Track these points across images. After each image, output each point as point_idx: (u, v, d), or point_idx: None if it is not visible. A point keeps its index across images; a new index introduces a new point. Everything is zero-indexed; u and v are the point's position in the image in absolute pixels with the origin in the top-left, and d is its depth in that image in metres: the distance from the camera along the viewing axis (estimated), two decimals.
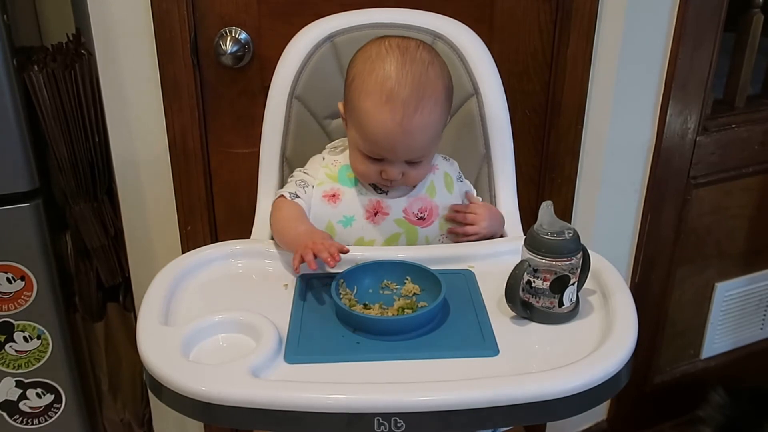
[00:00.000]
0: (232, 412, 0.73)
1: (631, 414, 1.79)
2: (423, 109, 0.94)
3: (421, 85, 0.95)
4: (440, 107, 0.97)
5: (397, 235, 1.03)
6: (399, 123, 0.94)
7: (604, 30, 1.36)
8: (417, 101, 0.94)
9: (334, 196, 1.03)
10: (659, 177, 1.53)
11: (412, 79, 0.94)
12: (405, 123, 0.94)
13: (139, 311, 0.87)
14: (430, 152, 1.01)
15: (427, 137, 0.97)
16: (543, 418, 1.05)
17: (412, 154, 0.98)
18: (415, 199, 1.04)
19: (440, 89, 0.97)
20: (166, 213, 1.37)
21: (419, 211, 1.04)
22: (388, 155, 0.97)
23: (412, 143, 0.96)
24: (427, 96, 0.95)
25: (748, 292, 1.83)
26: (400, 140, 0.95)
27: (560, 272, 0.85)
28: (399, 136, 0.95)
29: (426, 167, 1.03)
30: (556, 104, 1.42)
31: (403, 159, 0.98)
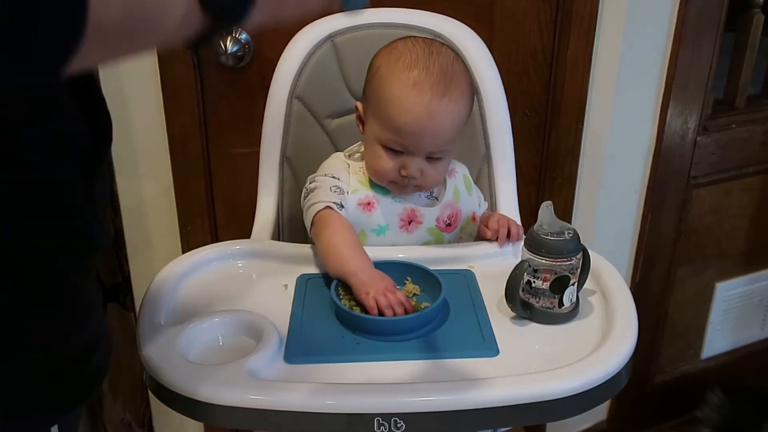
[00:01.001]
0: (232, 412, 0.73)
1: (631, 414, 1.79)
2: (450, 96, 0.93)
3: (449, 73, 0.94)
4: (465, 99, 0.96)
5: (427, 243, 1.02)
6: (426, 107, 0.92)
7: (604, 30, 1.36)
8: (445, 87, 0.93)
9: (369, 204, 1.00)
10: (659, 177, 1.53)
11: (439, 67, 0.94)
12: (433, 107, 0.92)
13: (139, 311, 0.87)
14: (450, 148, 0.98)
15: (453, 126, 0.95)
16: (543, 418, 1.05)
17: (436, 142, 0.94)
18: (445, 206, 1.03)
19: (465, 83, 0.96)
20: (166, 213, 1.37)
21: (448, 217, 1.03)
22: (412, 143, 0.94)
23: (437, 129, 0.93)
24: (454, 84, 0.94)
25: (748, 292, 1.83)
26: (427, 125, 0.92)
27: (560, 272, 0.85)
28: (425, 120, 0.92)
29: (444, 168, 1.00)
30: (556, 104, 1.42)
31: (427, 150, 0.95)
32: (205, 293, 0.93)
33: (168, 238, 1.39)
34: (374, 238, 1.00)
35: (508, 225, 1.01)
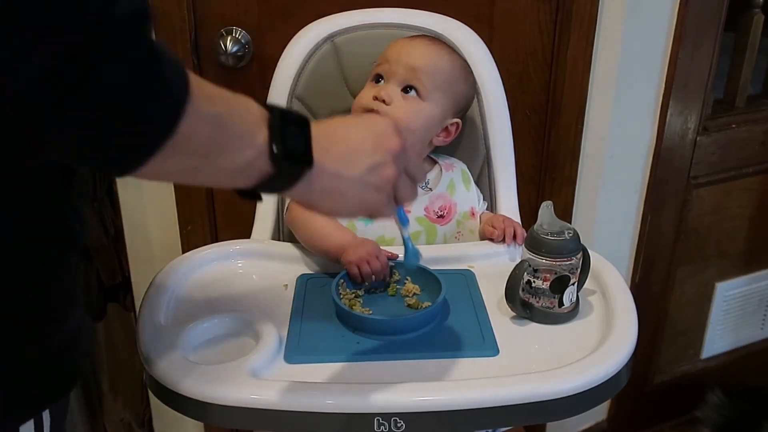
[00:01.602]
0: (231, 412, 0.73)
1: (631, 414, 1.79)
2: (435, 44, 1.05)
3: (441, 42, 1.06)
4: (451, 61, 1.04)
5: (417, 233, 1.03)
6: (410, 40, 1.05)
7: (604, 30, 1.36)
8: (432, 39, 1.06)
9: None
10: (659, 177, 1.53)
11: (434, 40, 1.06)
12: (415, 41, 1.05)
13: (139, 311, 0.87)
14: (426, 91, 1.01)
15: (429, 63, 1.01)
16: (543, 418, 1.05)
17: (410, 68, 1.00)
18: (436, 197, 1.05)
19: (458, 60, 1.05)
20: (166, 213, 1.37)
21: (439, 209, 1.04)
22: (390, 66, 1.01)
23: (413, 55, 1.01)
24: (445, 46, 1.06)
25: (748, 292, 1.82)
26: (404, 49, 1.02)
27: (560, 272, 0.85)
28: (405, 46, 1.03)
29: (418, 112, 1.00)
30: (556, 104, 1.42)
31: (401, 73, 1.00)
32: (205, 293, 0.93)
33: (168, 238, 1.39)
34: (363, 227, 1.02)
35: (513, 227, 1.01)
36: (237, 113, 0.57)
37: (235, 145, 0.56)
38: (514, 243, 1.00)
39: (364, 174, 0.65)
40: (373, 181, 0.65)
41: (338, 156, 0.64)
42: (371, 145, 0.66)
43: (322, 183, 0.63)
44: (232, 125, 0.56)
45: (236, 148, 0.56)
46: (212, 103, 0.54)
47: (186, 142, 0.51)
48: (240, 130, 0.57)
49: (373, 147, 0.66)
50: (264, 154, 0.58)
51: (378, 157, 0.65)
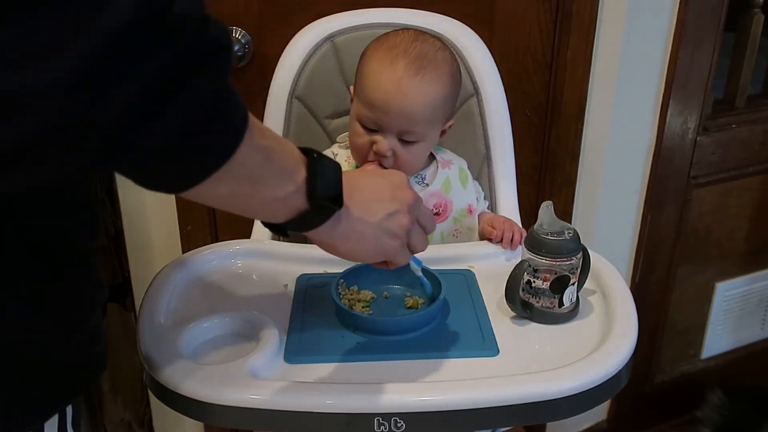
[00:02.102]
0: (231, 412, 0.73)
1: (631, 414, 1.79)
2: (424, 76, 0.96)
3: (427, 57, 0.97)
4: (442, 84, 0.98)
5: None
6: (397, 84, 0.95)
7: (604, 30, 1.36)
8: (419, 68, 0.96)
9: None
10: (659, 177, 1.53)
11: (419, 51, 0.97)
12: (402, 84, 0.95)
13: (139, 311, 0.87)
14: (424, 132, 0.99)
15: (423, 107, 0.97)
16: (543, 418, 1.05)
17: (404, 120, 0.96)
18: (430, 194, 1.04)
19: (446, 70, 0.99)
20: (166, 213, 1.37)
21: (435, 206, 1.04)
22: (382, 119, 0.97)
23: (406, 107, 0.96)
24: (431, 67, 0.97)
25: (748, 292, 1.83)
26: (396, 100, 0.95)
27: (560, 272, 0.85)
28: (394, 95, 0.95)
29: (420, 153, 1.01)
30: (556, 104, 1.42)
31: (396, 127, 0.97)
32: (205, 293, 0.93)
33: (168, 238, 1.39)
34: None
35: (513, 230, 1.01)
36: (281, 150, 0.62)
37: (279, 178, 0.61)
38: (511, 247, 1.00)
39: (382, 220, 0.70)
40: (390, 227, 0.71)
41: (361, 202, 0.69)
42: (389, 195, 0.72)
43: (347, 225, 0.68)
44: (278, 160, 0.61)
45: (279, 182, 0.61)
46: (263, 137, 0.58)
47: (239, 168, 0.55)
48: (284, 166, 0.62)
49: (390, 196, 0.72)
50: (302, 192, 0.63)
51: (394, 206, 0.71)
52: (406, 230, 0.73)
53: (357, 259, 0.76)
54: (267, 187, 0.61)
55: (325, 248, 0.71)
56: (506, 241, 1.00)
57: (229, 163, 0.54)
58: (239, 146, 0.54)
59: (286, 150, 0.63)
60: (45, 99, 0.42)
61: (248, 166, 0.57)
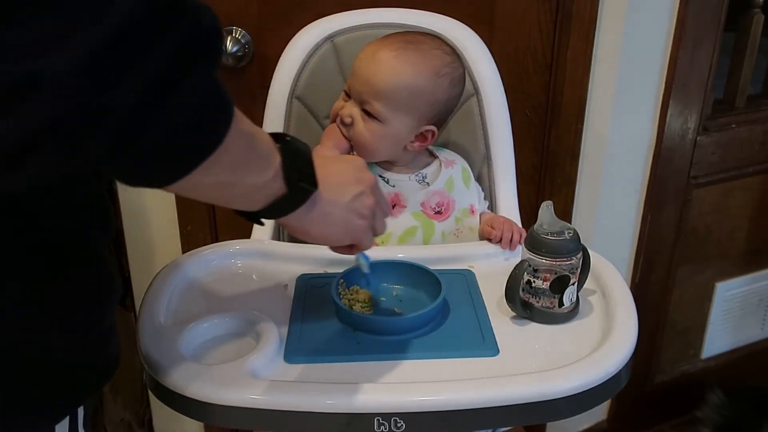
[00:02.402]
0: (232, 412, 0.73)
1: (631, 414, 1.79)
2: (401, 56, 0.98)
3: (416, 45, 1.00)
4: (416, 73, 0.98)
5: (414, 229, 1.03)
6: (375, 52, 0.99)
7: (604, 30, 1.36)
8: (401, 48, 0.98)
9: None
10: (659, 177, 1.53)
11: (413, 39, 1.01)
12: (379, 54, 0.98)
13: (139, 311, 0.87)
14: (383, 111, 0.98)
15: (387, 84, 0.97)
16: (543, 418, 1.05)
17: (367, 89, 0.98)
18: (433, 193, 1.05)
19: (429, 64, 0.99)
20: (166, 213, 1.37)
21: (437, 205, 1.04)
22: (351, 83, 1.00)
23: (372, 75, 0.97)
24: (413, 53, 0.99)
25: (748, 292, 1.82)
26: (365, 67, 0.99)
27: (560, 272, 0.85)
28: (366, 62, 0.99)
29: (376, 135, 1.00)
30: (556, 104, 1.42)
31: (359, 93, 0.99)
32: (205, 293, 0.93)
33: (168, 238, 1.39)
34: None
35: (512, 231, 1.01)
36: (259, 136, 0.63)
37: (259, 165, 0.62)
38: (510, 247, 1.00)
39: (350, 201, 0.73)
40: (357, 208, 0.74)
41: (330, 185, 0.71)
42: (353, 177, 0.75)
43: (319, 208, 0.70)
44: (259, 145, 0.62)
45: (260, 168, 0.62)
46: (244, 123, 0.59)
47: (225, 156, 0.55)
48: (263, 151, 0.63)
49: (354, 179, 0.75)
50: (279, 176, 0.64)
51: (359, 187, 0.74)
52: (372, 210, 0.75)
53: (328, 241, 0.77)
54: (249, 174, 0.61)
55: (297, 233, 0.73)
56: (505, 241, 1.00)
57: (218, 151, 0.54)
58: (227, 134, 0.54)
59: (263, 136, 0.64)
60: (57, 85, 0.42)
61: (233, 153, 0.57)
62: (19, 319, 0.58)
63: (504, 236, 1.00)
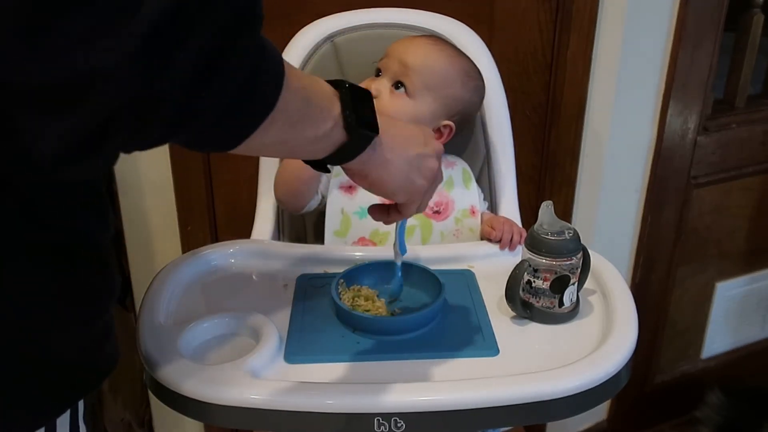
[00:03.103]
0: (231, 412, 0.73)
1: (631, 414, 1.79)
2: (436, 44, 1.04)
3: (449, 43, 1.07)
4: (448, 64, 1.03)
5: (412, 228, 1.03)
6: (414, 37, 1.06)
7: (604, 30, 1.36)
8: (435, 39, 1.06)
9: (351, 187, 1.03)
10: (659, 177, 1.53)
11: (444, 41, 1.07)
12: (414, 40, 1.05)
13: (139, 311, 0.87)
14: (414, 89, 1.01)
15: (421, 62, 1.01)
16: (543, 418, 1.05)
17: (401, 65, 1.01)
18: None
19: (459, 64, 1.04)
20: (166, 213, 1.37)
21: (435, 204, 1.04)
22: (385, 61, 1.03)
23: (405, 53, 1.02)
24: (445, 46, 1.05)
25: (748, 292, 1.82)
26: (404, 43, 1.04)
27: (560, 272, 0.85)
28: (402, 44, 1.04)
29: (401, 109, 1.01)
30: (556, 104, 1.42)
31: (392, 68, 1.02)
32: (205, 293, 0.93)
33: (168, 238, 1.39)
34: (357, 221, 1.02)
35: (512, 232, 1.01)
36: (316, 89, 0.63)
37: (317, 117, 0.63)
38: (510, 248, 1.00)
39: (414, 158, 0.73)
40: (420, 166, 0.73)
41: (396, 135, 0.72)
42: (422, 139, 0.75)
43: (381, 154, 0.70)
44: (315, 98, 0.63)
45: (318, 120, 0.63)
46: (298, 78, 0.60)
47: (282, 114, 0.57)
48: (320, 103, 0.63)
49: (423, 141, 0.75)
50: (339, 126, 0.64)
51: (427, 150, 0.74)
52: (434, 175, 0.75)
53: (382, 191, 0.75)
54: (308, 127, 0.62)
55: (355, 177, 0.73)
56: (505, 242, 1.00)
57: (274, 111, 0.56)
58: (281, 93, 0.56)
59: (320, 87, 0.64)
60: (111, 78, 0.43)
61: (290, 110, 0.58)
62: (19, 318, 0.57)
63: (504, 238, 1.00)
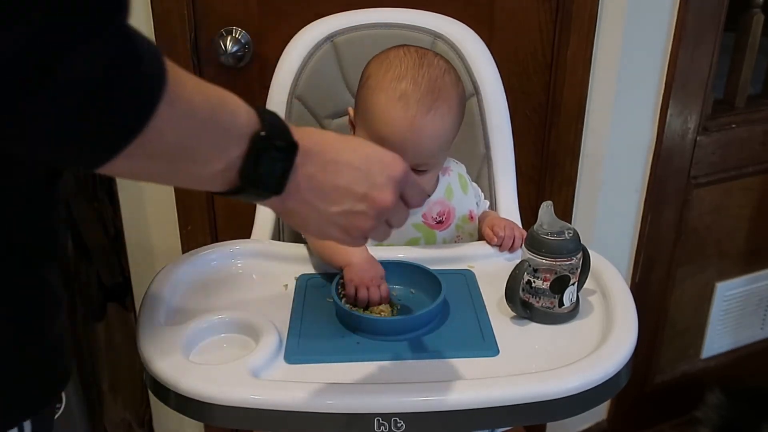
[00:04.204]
0: (232, 412, 0.73)
1: (631, 414, 1.79)
2: (436, 111, 0.93)
3: (437, 88, 0.93)
4: (453, 114, 0.96)
5: (416, 240, 1.03)
6: (411, 121, 0.92)
7: (604, 30, 1.36)
8: (431, 102, 0.92)
9: None
10: (659, 177, 1.53)
11: (428, 80, 0.93)
12: (417, 122, 0.92)
13: (139, 311, 0.87)
14: (438, 161, 0.99)
15: (438, 142, 0.95)
16: (543, 418, 1.05)
17: (420, 157, 0.94)
18: (434, 203, 1.04)
19: (455, 97, 0.96)
20: (166, 213, 1.37)
21: (438, 214, 1.04)
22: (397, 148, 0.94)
23: (421, 144, 0.93)
24: (441, 99, 0.93)
25: (748, 292, 1.83)
26: (410, 139, 0.92)
27: (560, 272, 0.85)
28: (409, 134, 0.92)
29: (432, 179, 1.01)
30: (556, 104, 1.42)
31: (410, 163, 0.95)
32: (205, 293, 0.93)
33: (168, 238, 1.39)
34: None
35: (513, 237, 1.00)
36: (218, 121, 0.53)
37: (206, 155, 0.53)
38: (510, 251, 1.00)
39: (335, 215, 0.62)
40: (342, 224, 0.63)
41: (320, 187, 0.61)
42: (361, 190, 0.62)
43: (292, 204, 0.61)
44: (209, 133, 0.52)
45: (207, 159, 0.53)
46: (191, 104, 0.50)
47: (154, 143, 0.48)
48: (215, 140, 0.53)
49: (361, 194, 0.62)
50: (235, 169, 0.55)
51: (360, 206, 0.63)
52: (363, 233, 0.65)
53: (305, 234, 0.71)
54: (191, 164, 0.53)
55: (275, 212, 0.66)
56: (505, 248, 1.00)
57: (140, 138, 0.46)
58: (150, 119, 0.46)
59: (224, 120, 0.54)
60: None
61: (167, 140, 0.49)
62: None
63: (505, 243, 1.00)
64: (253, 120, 0.56)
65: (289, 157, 0.58)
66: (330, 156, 0.61)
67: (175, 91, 0.48)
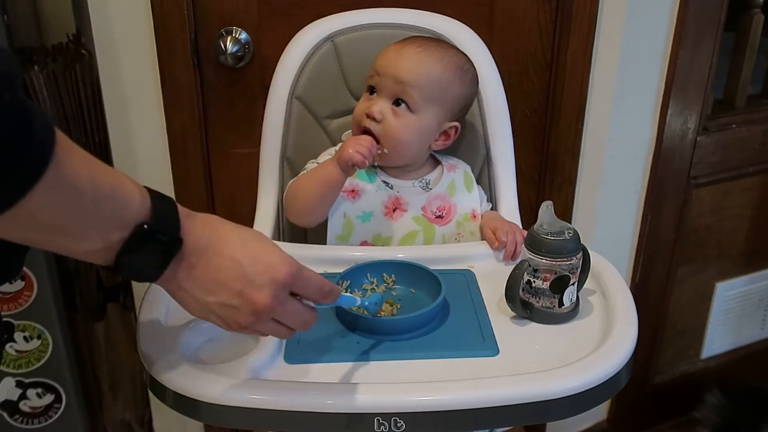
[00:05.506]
0: (232, 412, 0.73)
1: (631, 414, 1.79)
2: (426, 50, 1.01)
3: (436, 44, 1.04)
4: (442, 66, 1.01)
5: (415, 233, 1.03)
6: (399, 50, 1.02)
7: (604, 30, 1.36)
8: (423, 44, 1.02)
9: (354, 191, 1.03)
10: (659, 177, 1.53)
11: (433, 40, 1.05)
12: (404, 50, 1.01)
13: (139, 311, 0.87)
14: (416, 102, 0.99)
15: (417, 74, 0.99)
16: (543, 418, 1.05)
17: (398, 82, 0.99)
18: (434, 197, 1.04)
19: (452, 60, 1.02)
20: None
21: (438, 209, 1.04)
22: (379, 80, 1.00)
23: (401, 68, 0.99)
24: (435, 48, 1.02)
25: (748, 292, 1.83)
26: (393, 62, 1.00)
27: (560, 272, 0.85)
28: (394, 59, 1.01)
29: (408, 126, 1.00)
30: (556, 104, 1.42)
31: (390, 88, 1.00)
32: None
33: None
34: (359, 224, 1.02)
35: (516, 243, 0.99)
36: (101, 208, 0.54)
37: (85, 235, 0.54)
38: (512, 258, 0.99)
39: (213, 304, 0.65)
40: (219, 313, 0.66)
41: (199, 278, 0.63)
42: (238, 287, 0.64)
43: (172, 289, 0.64)
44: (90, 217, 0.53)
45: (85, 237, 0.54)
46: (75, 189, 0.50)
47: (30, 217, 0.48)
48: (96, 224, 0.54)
49: (238, 290, 0.64)
50: (114, 251, 0.57)
51: (236, 301, 0.65)
52: (240, 325, 0.67)
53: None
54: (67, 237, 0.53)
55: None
56: (508, 253, 0.99)
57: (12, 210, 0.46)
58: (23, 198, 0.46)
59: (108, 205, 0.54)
60: None
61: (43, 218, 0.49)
62: None
63: (507, 249, 0.99)
64: (144, 211, 0.58)
65: (168, 251, 0.61)
66: (216, 249, 0.63)
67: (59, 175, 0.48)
